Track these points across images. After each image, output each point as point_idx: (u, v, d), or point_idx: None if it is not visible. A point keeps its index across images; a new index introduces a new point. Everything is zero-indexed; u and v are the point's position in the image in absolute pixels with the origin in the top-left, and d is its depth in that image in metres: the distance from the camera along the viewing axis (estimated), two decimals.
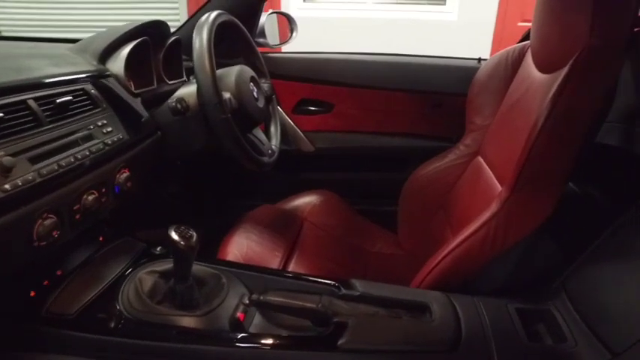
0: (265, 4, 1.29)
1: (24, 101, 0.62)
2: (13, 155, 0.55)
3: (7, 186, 0.53)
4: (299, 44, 1.46)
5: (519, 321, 0.67)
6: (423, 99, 1.31)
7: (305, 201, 1.27)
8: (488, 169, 0.99)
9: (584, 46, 0.67)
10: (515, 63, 1.01)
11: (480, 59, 1.21)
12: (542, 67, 0.84)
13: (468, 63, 1.28)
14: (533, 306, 0.71)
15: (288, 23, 1.49)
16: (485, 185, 0.97)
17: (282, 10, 3.87)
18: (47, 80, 0.69)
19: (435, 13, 3.89)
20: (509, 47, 1.04)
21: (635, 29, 0.98)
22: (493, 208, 0.78)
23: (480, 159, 1.05)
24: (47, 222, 0.58)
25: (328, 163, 1.42)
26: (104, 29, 0.94)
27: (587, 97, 0.67)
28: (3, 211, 0.52)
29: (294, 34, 1.47)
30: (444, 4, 3.85)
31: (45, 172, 0.59)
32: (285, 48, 1.50)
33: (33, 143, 0.60)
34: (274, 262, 1.01)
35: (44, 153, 0.61)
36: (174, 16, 4.26)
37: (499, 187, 0.88)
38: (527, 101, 0.86)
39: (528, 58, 0.94)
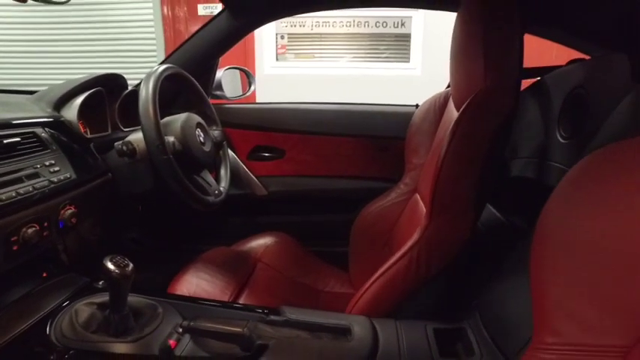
0: (223, 57, 1.40)
1: None
2: None
3: None
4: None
5: (434, 340, 0.71)
6: (369, 143, 1.40)
7: (259, 243, 1.31)
8: (422, 204, 1.06)
9: (480, 87, 0.78)
10: (441, 107, 1.11)
11: (417, 105, 1.33)
12: (457, 107, 0.94)
13: (407, 109, 1.39)
14: (450, 325, 0.75)
15: (246, 77, 1.61)
16: (419, 219, 1.04)
17: (257, 67, 4.12)
18: None
19: (401, 70, 4.16)
20: (437, 93, 1.16)
21: (537, 78, 1.11)
22: (415, 236, 0.84)
23: (417, 195, 1.13)
24: None
25: (281, 206, 1.48)
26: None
27: (482, 127, 0.76)
28: None
29: (252, 87, 1.59)
30: (409, 62, 4.13)
31: None
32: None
33: None
34: (222, 299, 1.04)
35: None
36: (153, 61, 4.57)
37: None
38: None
39: (451, 102, 1.05)
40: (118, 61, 4.77)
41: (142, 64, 4.74)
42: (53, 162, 0.81)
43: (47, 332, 0.71)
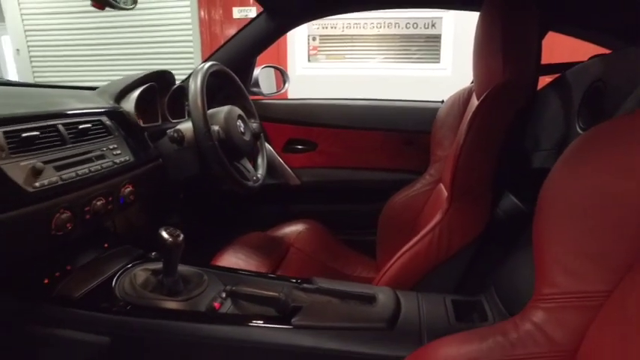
0: (258, 59, 1.51)
1: (55, 125, 0.80)
2: (43, 163, 0.72)
3: (36, 184, 0.70)
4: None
5: (452, 309, 0.78)
6: (396, 137, 1.48)
7: (292, 229, 1.40)
8: (445, 192, 1.13)
9: (498, 80, 0.84)
10: (465, 101, 1.18)
11: (443, 101, 1.39)
12: (479, 99, 1.01)
13: (433, 104, 1.45)
14: (468, 298, 0.82)
15: (281, 76, 1.71)
16: (442, 205, 1.10)
17: (289, 68, 4.24)
18: (72, 112, 0.88)
19: (432, 70, 4.19)
20: (462, 88, 1.22)
21: (558, 74, 1.16)
22: (437, 218, 0.92)
23: (441, 185, 1.20)
24: (63, 216, 0.74)
25: (313, 195, 1.57)
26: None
27: (498, 117, 0.82)
28: (31, 202, 0.69)
29: (286, 85, 1.69)
30: (439, 62, 4.15)
31: (65, 178, 0.75)
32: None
33: (58, 156, 0.77)
34: None
35: (66, 164, 0.78)
36: (190, 63, 4.83)
37: None
38: None
39: (474, 96, 1.11)
40: (158, 63, 5.02)
41: (181, 65, 4.96)
42: (115, 146, 0.93)
43: (112, 290, 0.82)
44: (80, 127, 0.85)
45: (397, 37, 4.31)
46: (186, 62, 5.02)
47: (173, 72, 1.23)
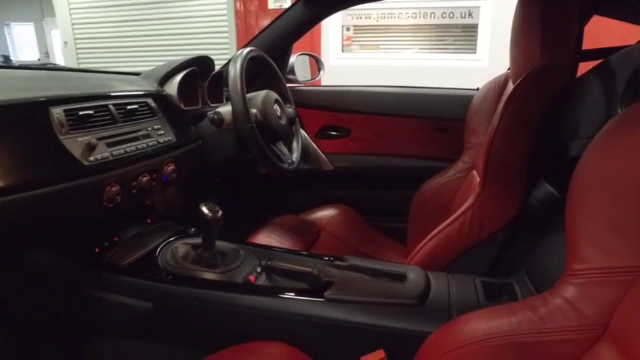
0: (294, 47, 1.53)
1: (106, 105, 0.85)
2: (97, 139, 0.78)
3: (91, 158, 0.75)
4: None
5: (482, 289, 0.79)
6: (430, 124, 1.47)
7: (324, 213, 1.43)
8: (478, 178, 1.12)
9: (535, 65, 0.84)
10: (501, 88, 1.16)
11: (478, 88, 1.38)
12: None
13: (467, 92, 1.44)
14: (498, 280, 0.83)
15: (316, 63, 1.73)
16: (475, 191, 1.10)
17: (322, 59, 4.25)
18: (122, 93, 0.93)
19: (467, 61, 4.11)
20: (498, 75, 1.20)
21: (601, 60, 1.13)
22: (469, 202, 0.92)
23: (474, 172, 1.19)
24: (113, 189, 0.80)
25: (346, 181, 1.60)
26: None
27: (533, 103, 0.82)
28: (86, 175, 0.74)
29: (320, 72, 1.71)
30: (475, 53, 4.06)
31: (115, 154, 0.81)
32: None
33: (109, 134, 0.83)
34: None
35: (116, 141, 0.83)
36: (225, 53, 4.95)
37: None
38: None
39: (510, 82, 1.10)
40: (195, 53, 5.15)
41: (217, 55, 5.07)
42: (160, 127, 0.98)
43: (155, 260, 0.87)
44: (128, 107, 0.90)
45: (433, 26, 4.24)
46: (222, 53, 5.13)
47: None
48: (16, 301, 0.84)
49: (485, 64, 3.98)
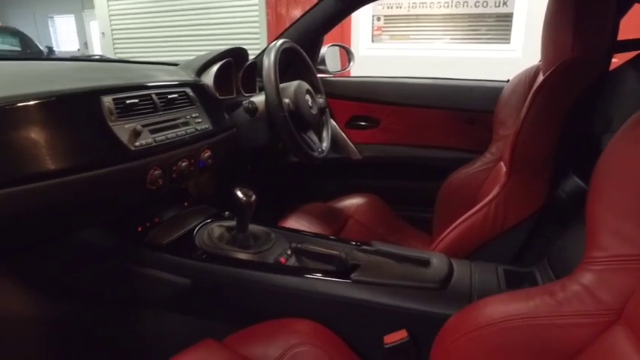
0: (325, 38, 1.56)
1: (149, 94, 0.91)
2: (142, 126, 0.84)
3: (136, 143, 0.81)
4: None
5: (504, 277, 0.82)
6: (459, 116, 1.48)
7: (351, 202, 1.47)
8: (505, 169, 1.13)
9: (566, 57, 0.84)
10: (531, 80, 1.16)
11: (508, 80, 1.37)
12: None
13: (497, 84, 1.44)
14: (520, 269, 0.85)
15: (346, 54, 1.76)
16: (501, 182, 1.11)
17: (352, 49, 4.26)
18: (163, 83, 0.99)
19: (500, 51, 4.02)
20: (528, 67, 1.20)
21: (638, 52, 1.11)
22: (494, 192, 0.94)
23: (501, 163, 1.20)
24: (156, 173, 0.86)
25: (374, 170, 1.63)
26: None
27: (562, 95, 0.83)
28: (132, 159, 0.80)
29: (350, 63, 1.74)
30: (509, 43, 3.97)
31: (158, 140, 0.87)
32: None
33: (152, 121, 0.88)
34: None
35: (158, 128, 0.89)
36: (256, 42, 5.02)
37: None
38: None
39: (541, 74, 1.10)
40: (226, 43, 5.24)
41: (248, 45, 5.15)
42: (197, 115, 1.04)
43: (193, 240, 0.94)
44: (169, 96, 0.96)
45: (465, 16, 4.17)
46: (253, 42, 5.20)
47: None
48: (69, 274, 0.93)
49: (519, 54, 3.89)
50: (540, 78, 1.09)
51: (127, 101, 0.84)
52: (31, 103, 0.68)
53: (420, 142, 1.56)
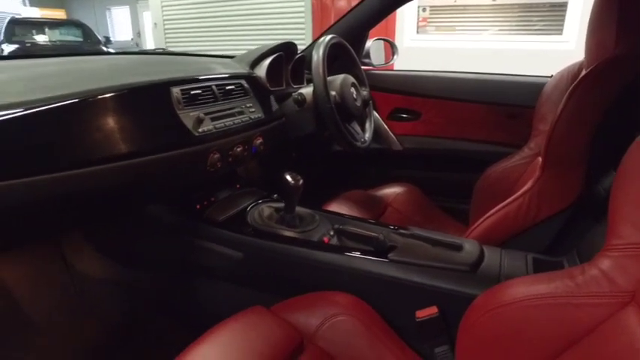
0: (370, 32, 1.62)
1: (210, 86, 1.02)
2: (204, 114, 0.94)
3: (199, 130, 0.92)
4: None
5: (532, 265, 0.86)
6: (499, 110, 1.50)
7: (391, 190, 1.53)
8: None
9: (609, 55, 0.86)
10: (574, 76, 1.18)
11: (552, 76, 1.38)
12: None
13: (539, 79, 1.45)
14: (550, 258, 0.89)
15: (391, 48, 1.81)
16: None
17: (396, 40, 4.25)
18: (221, 75, 1.09)
19: (552, 43, 3.90)
20: (572, 63, 1.21)
21: None
22: (529, 184, 0.98)
23: (539, 158, 1.23)
24: (215, 156, 0.96)
25: (413, 161, 1.68)
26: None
27: (601, 92, 0.85)
28: (196, 143, 0.91)
29: (395, 56, 1.79)
30: (561, 34, 3.84)
31: (217, 127, 0.97)
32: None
33: (212, 110, 0.99)
34: None
35: (218, 116, 0.99)
36: (301, 33, 5.11)
37: None
38: None
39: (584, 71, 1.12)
40: (272, 33, 5.37)
41: (293, 34, 5.24)
42: (251, 105, 1.13)
43: (245, 218, 1.04)
44: (227, 87, 1.06)
45: (515, 6, 4.06)
46: (298, 32, 5.28)
47: (286, 39, 1.40)
48: (138, 243, 1.06)
49: (571, 46, 3.76)
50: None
51: (192, 92, 0.94)
52: (109, 95, 0.79)
53: (459, 135, 1.59)
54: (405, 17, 4.39)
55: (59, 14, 10.41)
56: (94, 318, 1.15)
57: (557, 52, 3.80)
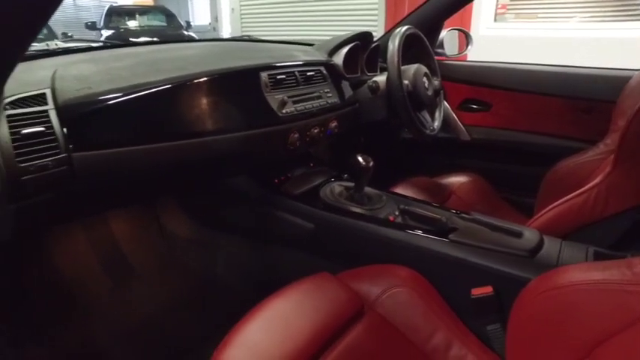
0: (446, 22, 1.64)
1: (293, 71, 1.12)
2: (287, 97, 1.05)
3: (283, 111, 1.03)
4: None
5: (593, 257, 0.88)
6: (574, 104, 1.47)
7: (456, 179, 1.55)
8: None
9: None
10: None
11: (638, 69, 1.32)
12: None
13: (622, 73, 1.39)
14: (612, 252, 0.90)
15: (465, 38, 1.81)
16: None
17: (472, 28, 4.11)
18: (303, 62, 1.20)
19: None
20: None
21: None
22: (598, 179, 0.99)
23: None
24: (295, 136, 1.07)
25: (480, 152, 1.69)
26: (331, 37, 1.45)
27: None
28: (280, 123, 1.02)
29: (468, 47, 1.79)
30: None
31: (298, 109, 1.08)
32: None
33: (294, 94, 1.09)
34: None
35: (299, 100, 1.10)
36: (374, 19, 5.13)
37: None
38: None
39: None
40: (345, 19, 5.41)
41: (366, 21, 5.26)
42: (328, 90, 1.23)
43: (318, 193, 1.15)
44: (308, 73, 1.17)
45: None
46: (370, 18, 5.28)
47: (358, 27, 1.46)
48: (223, 210, 1.20)
49: None
50: None
51: (278, 76, 1.06)
52: (215, 77, 0.92)
53: (530, 128, 1.58)
54: (482, 4, 4.23)
55: (148, 1, 11.17)
56: (179, 271, 1.33)
57: None
